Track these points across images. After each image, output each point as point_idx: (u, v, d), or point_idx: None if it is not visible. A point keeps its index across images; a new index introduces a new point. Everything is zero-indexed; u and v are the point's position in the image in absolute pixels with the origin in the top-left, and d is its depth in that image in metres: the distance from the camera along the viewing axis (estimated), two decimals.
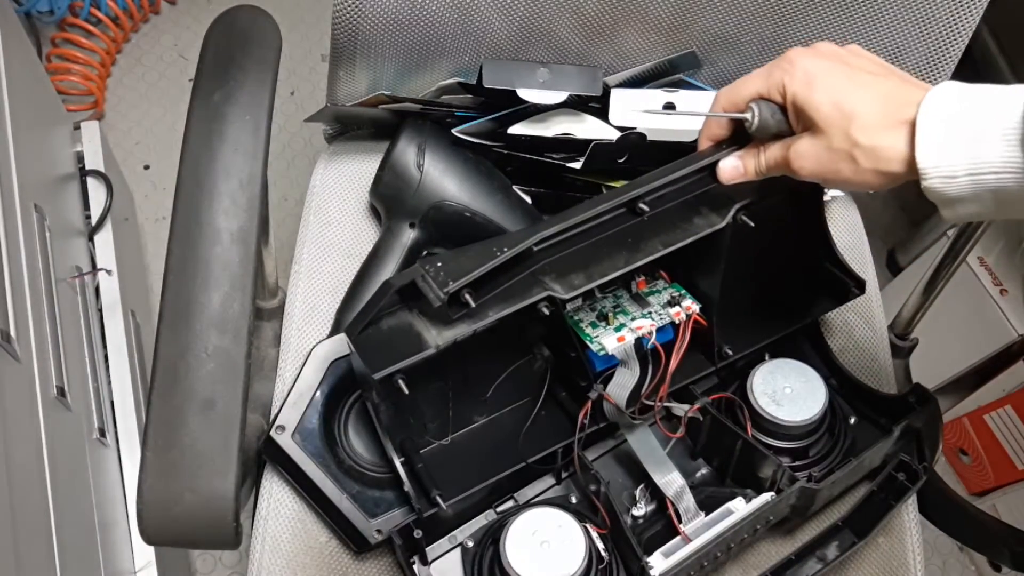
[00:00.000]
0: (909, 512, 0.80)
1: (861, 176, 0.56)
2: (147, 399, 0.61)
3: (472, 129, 0.85)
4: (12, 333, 0.79)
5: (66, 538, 0.82)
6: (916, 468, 0.77)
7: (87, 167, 1.24)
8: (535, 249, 0.64)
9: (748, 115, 0.61)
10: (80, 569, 0.86)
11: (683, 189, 0.68)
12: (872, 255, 0.94)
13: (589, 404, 0.71)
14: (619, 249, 0.66)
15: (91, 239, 1.20)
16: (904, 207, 1.66)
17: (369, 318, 0.64)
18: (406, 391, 0.63)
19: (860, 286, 0.80)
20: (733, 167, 0.65)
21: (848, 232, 0.94)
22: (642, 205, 0.67)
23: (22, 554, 0.71)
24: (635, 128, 0.83)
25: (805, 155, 0.59)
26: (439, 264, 0.61)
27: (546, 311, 0.64)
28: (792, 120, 0.60)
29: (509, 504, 0.76)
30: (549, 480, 0.77)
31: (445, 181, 0.84)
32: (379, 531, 0.72)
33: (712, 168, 0.66)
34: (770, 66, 0.61)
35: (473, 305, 0.61)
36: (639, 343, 0.71)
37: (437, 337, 0.63)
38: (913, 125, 0.53)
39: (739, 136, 0.65)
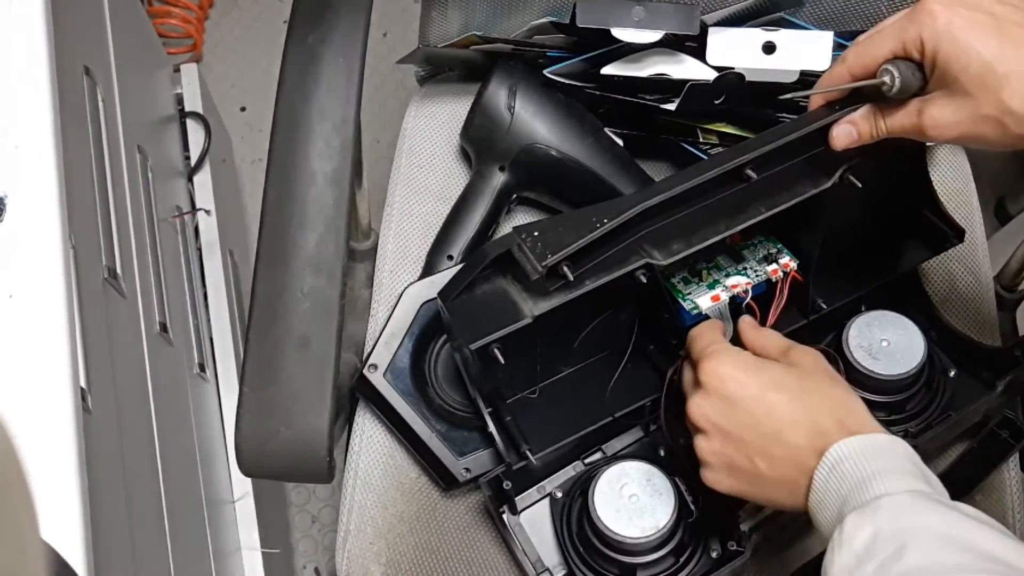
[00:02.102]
0: (1011, 470, 0.77)
1: (1008, 140, 0.52)
2: (245, 337, 0.63)
3: (564, 70, 0.84)
4: (118, 270, 0.82)
5: (170, 467, 0.86)
6: (1021, 425, 0.74)
7: (186, 109, 1.27)
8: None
9: (886, 78, 0.56)
10: (182, 497, 0.90)
11: (790, 152, 0.65)
12: (980, 203, 0.89)
13: (680, 362, 0.70)
14: (720, 213, 0.64)
15: (190, 180, 1.23)
16: (1015, 152, 1.58)
17: (463, 285, 0.64)
18: (502, 360, 0.63)
19: (959, 235, 0.76)
20: (847, 133, 0.61)
21: (954, 178, 0.90)
22: (749, 171, 0.64)
23: (130, 481, 0.75)
24: (733, 68, 0.80)
25: (945, 122, 0.54)
26: (536, 234, 0.60)
27: (643, 278, 0.63)
28: (929, 78, 0.55)
29: (597, 456, 0.75)
30: (637, 432, 0.77)
31: (536, 123, 0.83)
32: (467, 469, 0.73)
33: (822, 131, 0.63)
34: (902, 20, 0.55)
35: (571, 278, 0.60)
36: (732, 299, 0.69)
37: (533, 307, 0.62)
38: None
39: (854, 97, 0.61)
